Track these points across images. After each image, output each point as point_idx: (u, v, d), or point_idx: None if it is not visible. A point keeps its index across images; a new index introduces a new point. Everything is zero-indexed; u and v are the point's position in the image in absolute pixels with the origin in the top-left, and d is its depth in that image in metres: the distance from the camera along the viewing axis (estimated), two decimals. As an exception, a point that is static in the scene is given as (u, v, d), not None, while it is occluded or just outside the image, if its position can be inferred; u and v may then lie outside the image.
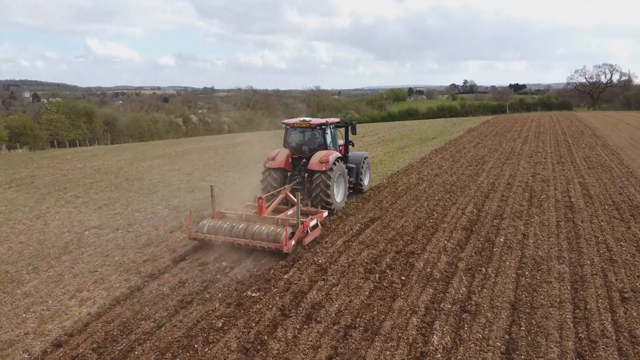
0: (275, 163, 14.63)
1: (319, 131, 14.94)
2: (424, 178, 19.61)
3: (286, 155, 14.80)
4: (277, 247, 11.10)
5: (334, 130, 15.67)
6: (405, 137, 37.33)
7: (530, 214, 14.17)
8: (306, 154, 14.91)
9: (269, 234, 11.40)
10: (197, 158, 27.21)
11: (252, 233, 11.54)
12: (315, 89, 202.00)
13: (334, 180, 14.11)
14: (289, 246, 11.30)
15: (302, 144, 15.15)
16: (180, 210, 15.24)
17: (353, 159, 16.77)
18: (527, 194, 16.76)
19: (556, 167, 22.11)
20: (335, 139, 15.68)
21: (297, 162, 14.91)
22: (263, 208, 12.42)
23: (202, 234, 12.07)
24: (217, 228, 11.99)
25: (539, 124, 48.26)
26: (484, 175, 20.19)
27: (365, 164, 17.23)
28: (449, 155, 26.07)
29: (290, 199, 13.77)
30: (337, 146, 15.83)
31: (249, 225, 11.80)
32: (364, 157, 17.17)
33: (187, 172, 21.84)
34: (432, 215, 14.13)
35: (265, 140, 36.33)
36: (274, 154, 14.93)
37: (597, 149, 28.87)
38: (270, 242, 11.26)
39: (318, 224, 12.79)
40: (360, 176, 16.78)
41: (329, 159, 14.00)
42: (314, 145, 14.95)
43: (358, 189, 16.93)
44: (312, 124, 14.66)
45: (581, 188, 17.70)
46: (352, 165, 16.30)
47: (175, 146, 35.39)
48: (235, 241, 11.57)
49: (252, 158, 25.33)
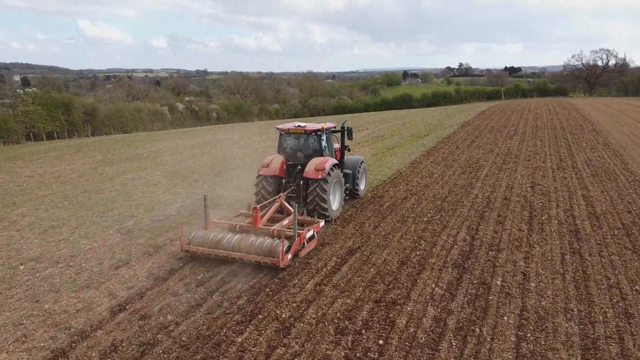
0: (270, 170, 14.19)
1: (314, 137, 14.51)
2: (412, 190, 17.81)
3: (281, 162, 14.38)
4: (273, 262, 10.83)
5: (329, 136, 15.25)
6: (395, 133, 35.43)
7: (530, 243, 12.45)
8: (301, 160, 14.50)
9: (264, 247, 11.05)
10: (169, 161, 25.23)
11: (246, 246, 11.17)
12: (308, 73, 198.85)
13: (330, 188, 13.79)
14: (285, 260, 11.03)
15: (297, 150, 14.74)
16: (133, 237, 13.39)
17: (349, 164, 16.28)
18: (526, 212, 15.02)
19: (557, 174, 20.39)
20: (331, 145, 15.30)
21: (292, 169, 14.53)
22: (258, 219, 12.12)
23: (195, 246, 11.65)
24: (210, 240, 11.55)
25: (536, 116, 46.48)
26: (479, 185, 18.42)
27: (362, 169, 16.78)
28: (441, 158, 24.26)
29: (285, 208, 13.45)
30: (332, 152, 15.38)
31: (244, 238, 11.41)
32: (360, 161, 16.65)
33: (153, 182, 19.89)
34: (419, 245, 12.37)
35: (247, 138, 34.41)
36: (268, 161, 14.46)
37: (598, 148, 27.18)
38: (266, 256, 10.95)
39: (315, 235, 12.50)
40: (357, 181, 16.35)
41: (325, 166, 13.66)
42: (309, 152, 14.56)
43: (354, 195, 16.52)
44: (307, 130, 14.27)
45: (585, 204, 16.00)
46: (348, 171, 15.88)
47: (150, 144, 33.32)
48: (229, 255, 11.20)
49: (228, 162, 23.39)
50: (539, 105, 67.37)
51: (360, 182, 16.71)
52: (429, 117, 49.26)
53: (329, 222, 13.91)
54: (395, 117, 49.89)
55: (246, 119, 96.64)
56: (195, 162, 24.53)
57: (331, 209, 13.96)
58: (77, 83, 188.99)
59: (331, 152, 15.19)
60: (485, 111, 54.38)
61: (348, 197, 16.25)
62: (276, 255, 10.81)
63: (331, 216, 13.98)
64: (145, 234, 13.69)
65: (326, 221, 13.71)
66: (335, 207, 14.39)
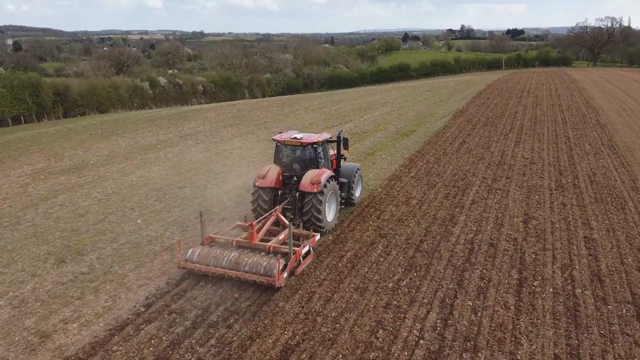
0: (266, 182, 14.27)
1: (310, 149, 14.64)
2: (383, 229, 15.01)
3: (277, 173, 14.48)
4: (269, 282, 11.10)
5: (325, 147, 15.32)
6: (380, 127, 32.26)
7: (516, 336, 9.79)
8: (297, 171, 14.65)
9: (260, 267, 11.34)
10: (115, 173, 22.28)
11: (243, 265, 11.48)
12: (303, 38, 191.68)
13: (325, 201, 13.94)
14: (282, 280, 11.29)
15: (293, 162, 14.88)
16: (24, 313, 10.69)
17: (345, 172, 16.33)
18: (515, 272, 12.32)
19: (555, 199, 17.59)
20: (327, 155, 15.42)
21: (289, 180, 14.62)
22: (254, 236, 12.41)
23: (192, 263, 11.95)
24: (208, 257, 11.86)
25: (536, 101, 43.12)
26: (462, 220, 15.64)
27: (357, 176, 16.80)
28: (425, 171, 21.34)
29: (281, 221, 13.63)
30: (329, 162, 15.54)
31: (240, 256, 11.74)
32: (355, 169, 16.69)
33: (82, 211, 17.06)
34: (375, 340, 9.70)
35: (222, 129, 31.16)
36: (265, 172, 14.47)
37: (603, 153, 24.26)
38: (262, 275, 11.23)
39: (310, 250, 12.80)
40: (352, 191, 16.41)
41: (321, 179, 13.81)
42: (305, 163, 14.73)
43: (349, 202, 16.55)
44: (303, 143, 14.37)
45: (588, 254, 13.30)
46: (344, 180, 15.90)
47: (108, 140, 30.18)
48: (225, 273, 11.53)
49: (182, 177, 20.45)
50: (540, 81, 63.60)
51: (355, 190, 16.71)
52: (422, 102, 45.81)
53: (323, 233, 14.14)
54: (385, 102, 46.43)
55: (235, 91, 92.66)
56: (146, 174, 21.60)
57: (326, 221, 14.18)
58: (70, 47, 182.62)
59: (327, 163, 15.33)
60: (482, 93, 50.83)
61: (343, 206, 16.17)
62: (273, 275, 11.07)
63: (326, 228, 14.19)
64: (40, 308, 11.03)
65: (321, 233, 13.94)
66: (330, 219, 14.56)
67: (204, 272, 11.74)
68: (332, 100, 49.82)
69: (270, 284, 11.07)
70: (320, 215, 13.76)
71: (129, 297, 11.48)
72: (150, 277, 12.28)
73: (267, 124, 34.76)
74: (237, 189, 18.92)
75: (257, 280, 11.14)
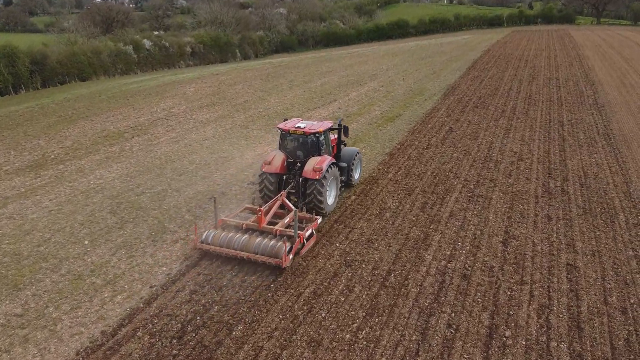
0: (272, 168, 15.38)
1: (312, 138, 15.59)
2: (349, 254, 13.78)
3: (282, 160, 15.55)
4: (276, 263, 12.45)
5: (327, 134, 16.38)
6: (365, 110, 30.44)
7: (479, 413, 8.78)
8: (301, 158, 15.75)
9: (269, 248, 12.67)
10: (74, 173, 20.79)
11: (253, 246, 12.81)
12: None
13: (326, 186, 15.12)
14: (288, 261, 12.66)
15: (296, 149, 15.85)
16: None
17: (345, 156, 17.45)
18: (485, 316, 11.20)
19: (540, 211, 16.30)
20: (328, 142, 16.53)
21: (292, 166, 15.74)
22: (262, 220, 13.59)
23: (207, 245, 13.26)
24: (221, 239, 13.13)
25: (533, 73, 40.98)
26: (436, 242, 14.40)
27: (357, 160, 17.90)
28: (404, 172, 19.90)
29: (286, 205, 14.71)
30: (330, 149, 16.68)
31: (251, 238, 13.07)
32: (355, 153, 17.75)
33: (33, 223, 15.69)
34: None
35: (197, 110, 29.21)
36: (270, 158, 15.52)
37: (598, 146, 22.80)
38: (271, 257, 12.55)
39: (313, 232, 14.14)
40: (351, 173, 17.53)
41: (322, 166, 14.89)
42: (308, 151, 15.70)
43: (349, 184, 17.74)
44: (306, 132, 15.35)
45: (569, 289, 12.17)
46: (343, 165, 16.97)
47: (80, 123, 28.43)
48: (237, 254, 12.85)
49: (144, 179, 18.95)
50: (540, 46, 60.86)
51: (354, 172, 17.84)
52: (413, 74, 43.51)
53: (325, 216, 15.40)
54: (375, 73, 44.09)
55: (226, 51, 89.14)
56: (103, 177, 20.14)
57: (327, 204, 15.38)
58: (61, 1, 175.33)
59: (328, 150, 16.46)
60: (477, 62, 48.38)
61: (343, 189, 17.33)
62: (280, 257, 12.38)
63: (327, 210, 15.42)
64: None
65: (322, 215, 15.21)
66: (331, 202, 15.79)
67: (218, 253, 13.10)
68: (320, 71, 47.42)
69: (278, 264, 12.45)
70: (322, 199, 14.96)
71: (58, 350, 10.40)
72: (85, 324, 11.16)
73: (246, 104, 32.85)
74: (199, 196, 17.59)
75: (266, 262, 12.52)
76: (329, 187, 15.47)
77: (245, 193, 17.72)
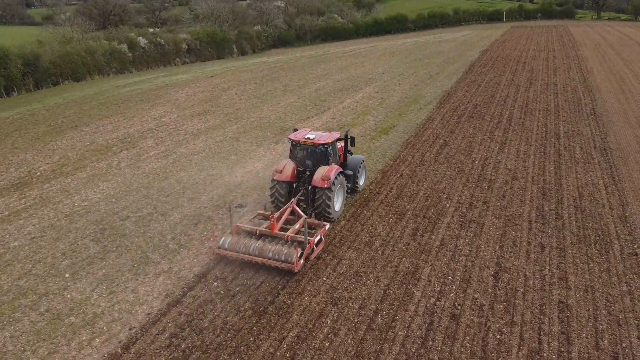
0: (283, 176, 16.33)
1: (321, 148, 16.50)
2: (336, 291, 13.40)
3: (292, 168, 16.51)
4: (289, 267, 13.43)
5: (335, 144, 17.19)
6: (359, 120, 29.95)
7: None
8: (310, 167, 16.71)
9: (281, 254, 13.54)
10: (60, 194, 20.35)
11: (267, 252, 13.64)
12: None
13: (334, 194, 16.03)
14: (299, 265, 13.63)
15: (306, 159, 16.80)
16: None
17: (351, 164, 18.39)
18: (474, 364, 10.88)
19: (533, 240, 15.94)
20: (335, 151, 17.34)
21: (302, 174, 16.64)
22: (275, 226, 14.49)
23: (224, 250, 14.11)
24: (237, 245, 14.00)
25: (530, 78, 40.43)
26: (425, 276, 14.03)
27: (362, 167, 18.90)
28: (396, 193, 19.49)
29: (296, 212, 15.68)
30: (337, 158, 17.53)
31: (264, 244, 13.93)
32: (360, 161, 18.71)
33: (14, 252, 15.27)
34: None
35: (189, 119, 28.60)
36: (281, 167, 16.47)
37: (594, 162, 22.38)
38: (283, 262, 13.46)
39: (322, 238, 15.03)
40: (357, 180, 18.50)
41: (330, 176, 15.82)
42: (317, 160, 16.61)
43: (355, 190, 18.74)
44: (315, 143, 16.36)
45: (559, 332, 11.86)
46: (349, 172, 17.88)
47: (69, 133, 27.95)
48: (252, 259, 13.75)
49: (130, 200, 18.51)
50: (539, 46, 60.20)
51: (359, 179, 18.77)
52: (409, 78, 42.91)
53: (332, 222, 16.35)
54: (370, 77, 43.49)
55: (222, 47, 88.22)
56: (88, 198, 19.72)
57: (334, 211, 16.31)
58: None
59: (336, 159, 17.29)
60: (475, 65, 47.77)
61: (349, 195, 18.26)
62: (292, 262, 13.35)
63: (334, 217, 16.37)
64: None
65: (330, 222, 16.16)
66: (338, 208, 16.68)
67: (234, 258, 13.99)
68: (315, 74, 46.78)
69: (290, 269, 13.43)
70: (330, 207, 15.88)
71: (32, 403, 10.08)
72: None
73: (238, 112, 32.33)
74: (185, 221, 17.20)
75: (279, 267, 13.48)
76: (337, 194, 16.35)
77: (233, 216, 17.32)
